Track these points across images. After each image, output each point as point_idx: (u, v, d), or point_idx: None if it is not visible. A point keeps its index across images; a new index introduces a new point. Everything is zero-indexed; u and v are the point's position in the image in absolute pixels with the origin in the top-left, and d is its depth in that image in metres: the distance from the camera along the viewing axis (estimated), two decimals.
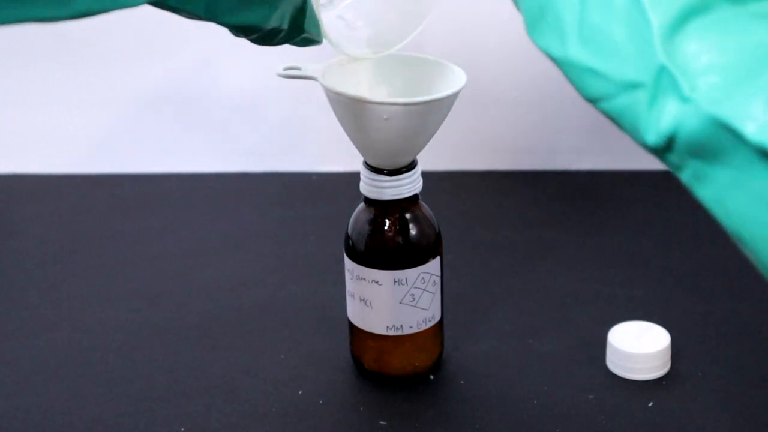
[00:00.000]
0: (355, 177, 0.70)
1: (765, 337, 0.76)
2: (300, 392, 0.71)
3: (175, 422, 0.68)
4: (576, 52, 0.39)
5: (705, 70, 0.37)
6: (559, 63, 0.40)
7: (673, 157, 0.39)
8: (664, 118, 0.38)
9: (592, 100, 0.40)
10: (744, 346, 0.75)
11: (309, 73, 0.67)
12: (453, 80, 0.66)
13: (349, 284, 0.70)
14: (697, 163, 0.38)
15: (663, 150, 0.39)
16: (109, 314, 0.81)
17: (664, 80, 0.38)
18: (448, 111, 0.65)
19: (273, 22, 0.50)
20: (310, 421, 0.68)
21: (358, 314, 0.70)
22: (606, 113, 0.40)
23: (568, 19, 0.39)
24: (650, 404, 0.69)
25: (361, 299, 0.69)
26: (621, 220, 0.93)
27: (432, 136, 0.66)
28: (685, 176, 0.39)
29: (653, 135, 0.38)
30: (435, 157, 0.91)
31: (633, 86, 0.38)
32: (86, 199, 1.00)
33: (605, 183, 1.00)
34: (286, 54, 0.69)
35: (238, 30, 0.50)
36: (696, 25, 0.37)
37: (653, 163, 1.11)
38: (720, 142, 0.37)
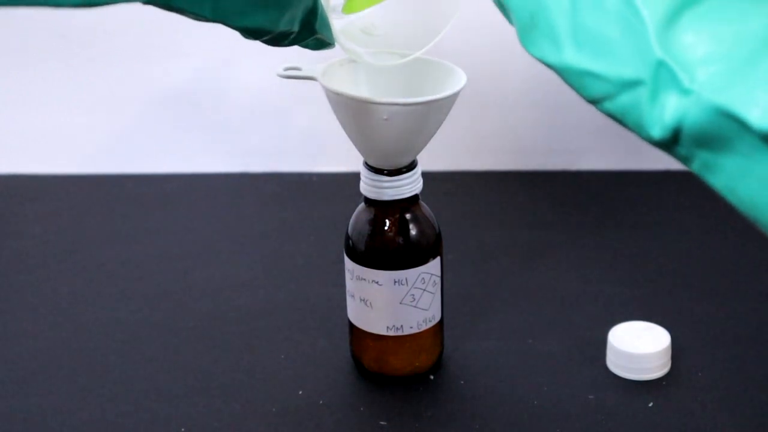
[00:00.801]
0: (355, 177, 0.70)
1: (765, 337, 0.76)
2: (300, 392, 0.71)
3: (175, 422, 0.68)
4: (572, 56, 0.39)
5: (703, 60, 0.37)
6: (557, 69, 0.40)
7: (681, 150, 0.39)
8: (667, 111, 0.38)
9: (594, 102, 0.40)
10: (744, 346, 0.75)
11: (309, 74, 0.67)
12: (453, 80, 0.66)
13: (349, 284, 0.70)
14: (705, 154, 0.38)
15: (670, 143, 0.39)
16: (109, 314, 0.81)
17: (663, 75, 0.38)
18: (448, 111, 0.65)
19: (283, 25, 0.50)
20: (310, 421, 0.68)
21: (358, 314, 0.70)
22: (609, 113, 0.40)
23: (560, 24, 0.39)
24: (650, 404, 0.69)
25: (361, 299, 0.69)
26: (621, 220, 0.93)
27: (432, 136, 0.66)
28: (695, 167, 0.39)
29: (658, 130, 0.38)
30: (435, 157, 0.91)
31: (633, 84, 0.38)
32: (86, 199, 1.00)
33: (605, 183, 1.00)
34: (287, 54, 0.69)
35: (248, 32, 0.49)
36: (690, 16, 0.37)
37: (653, 163, 1.12)
38: (725, 131, 0.37)
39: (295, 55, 0.69)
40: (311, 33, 0.53)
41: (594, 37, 0.39)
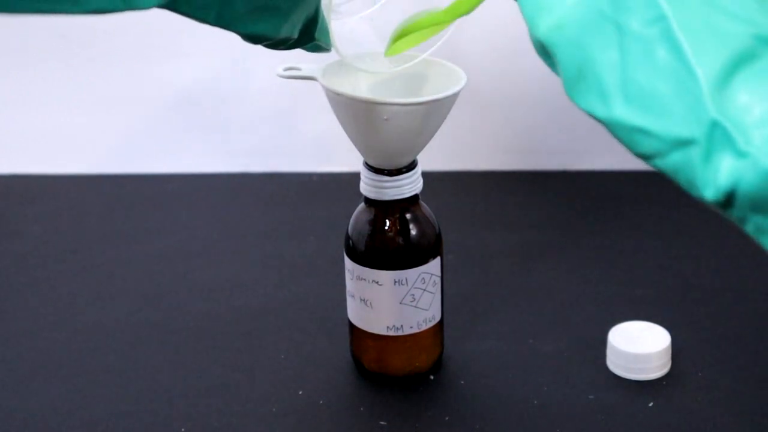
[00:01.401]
0: (355, 177, 0.70)
1: (765, 337, 0.76)
2: (300, 392, 0.71)
3: (175, 422, 0.68)
4: (622, 111, 0.38)
5: (759, 122, 0.35)
6: (605, 123, 0.39)
7: (736, 212, 0.37)
8: (721, 174, 0.36)
9: (644, 158, 0.39)
10: (744, 346, 0.75)
11: (309, 74, 0.67)
12: (453, 80, 0.66)
13: (349, 284, 0.70)
14: (760, 217, 0.37)
15: (724, 205, 0.37)
16: (109, 314, 0.81)
17: (717, 135, 0.36)
18: (448, 111, 0.65)
19: (284, 32, 0.50)
20: (310, 421, 0.68)
21: (358, 314, 0.70)
22: (660, 169, 0.38)
23: (609, 78, 0.38)
24: (650, 404, 0.69)
25: (361, 299, 0.69)
26: (621, 220, 0.93)
27: (432, 136, 0.66)
28: (750, 229, 0.37)
29: (711, 191, 0.37)
30: (435, 157, 0.91)
31: (685, 143, 0.37)
32: (86, 199, 1.00)
33: (605, 183, 1.00)
34: (287, 55, 0.69)
35: (249, 38, 0.50)
36: (745, 75, 0.36)
37: None
38: None
39: (295, 55, 0.69)
40: (310, 39, 0.54)
41: (644, 93, 0.37)
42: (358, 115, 0.63)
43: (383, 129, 0.63)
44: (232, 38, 0.53)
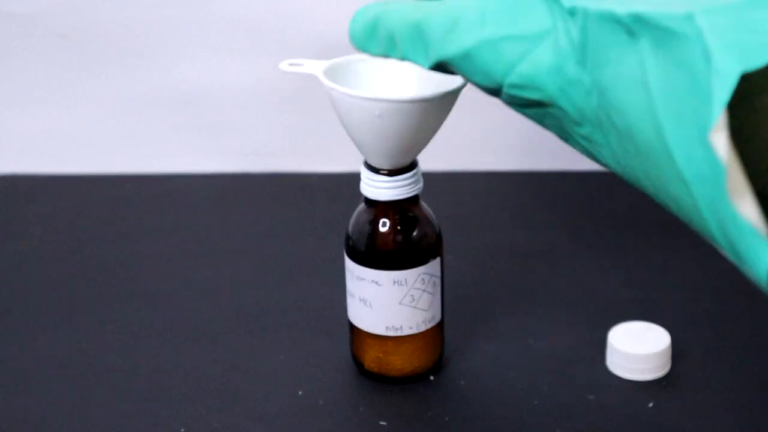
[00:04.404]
0: (355, 177, 0.70)
1: (765, 337, 0.76)
2: (300, 392, 0.71)
3: (175, 422, 0.68)
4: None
5: None
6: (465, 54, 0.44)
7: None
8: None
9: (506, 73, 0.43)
10: (744, 346, 0.75)
11: (310, 69, 0.67)
12: (452, 80, 0.65)
13: (349, 284, 0.70)
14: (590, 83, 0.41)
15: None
16: (109, 314, 0.81)
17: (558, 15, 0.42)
18: (448, 111, 0.65)
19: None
20: (310, 421, 0.68)
21: (358, 314, 0.70)
22: (523, 84, 0.43)
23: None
24: (650, 404, 0.69)
25: (361, 299, 0.69)
26: (621, 220, 0.93)
27: (432, 136, 0.66)
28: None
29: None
30: (435, 157, 0.91)
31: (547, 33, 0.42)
32: (86, 199, 1.00)
33: (605, 183, 1.00)
34: (287, 53, 0.69)
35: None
36: None
37: None
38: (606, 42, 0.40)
39: (295, 53, 0.69)
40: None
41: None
42: (352, 112, 0.63)
43: (377, 126, 0.63)
44: (231, 38, 0.52)
